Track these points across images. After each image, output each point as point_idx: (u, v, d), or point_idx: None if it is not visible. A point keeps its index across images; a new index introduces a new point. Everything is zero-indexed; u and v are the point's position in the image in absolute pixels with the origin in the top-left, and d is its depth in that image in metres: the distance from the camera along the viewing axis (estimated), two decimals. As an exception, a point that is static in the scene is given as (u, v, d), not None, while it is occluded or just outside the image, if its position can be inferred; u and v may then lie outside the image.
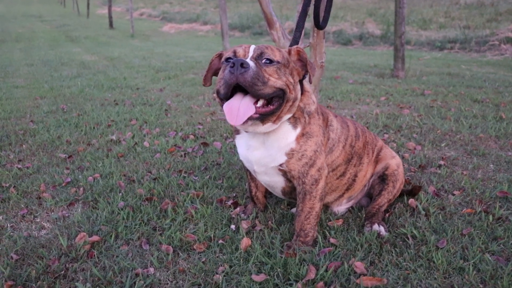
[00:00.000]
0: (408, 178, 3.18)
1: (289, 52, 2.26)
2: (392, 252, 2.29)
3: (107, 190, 3.19)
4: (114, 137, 4.38)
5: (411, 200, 2.80)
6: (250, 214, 2.76)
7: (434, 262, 2.19)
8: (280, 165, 2.30)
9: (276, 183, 2.47)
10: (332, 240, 2.41)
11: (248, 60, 2.04)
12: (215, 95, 2.25)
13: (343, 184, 2.63)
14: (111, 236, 2.56)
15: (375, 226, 2.50)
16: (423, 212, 2.69)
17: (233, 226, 2.61)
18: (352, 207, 2.82)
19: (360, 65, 9.96)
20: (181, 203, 2.91)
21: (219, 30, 24.60)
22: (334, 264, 2.17)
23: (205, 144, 4.12)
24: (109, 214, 2.81)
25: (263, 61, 2.08)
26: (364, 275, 2.11)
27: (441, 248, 2.29)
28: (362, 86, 6.99)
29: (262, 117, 2.09)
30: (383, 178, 2.71)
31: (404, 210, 2.74)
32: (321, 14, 3.25)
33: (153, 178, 3.35)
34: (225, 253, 2.33)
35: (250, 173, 2.72)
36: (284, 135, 2.26)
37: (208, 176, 3.36)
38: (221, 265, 2.23)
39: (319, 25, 3.16)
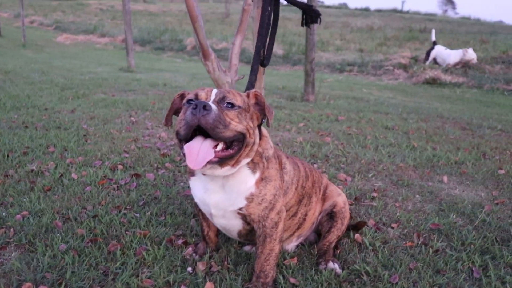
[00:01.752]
0: (350, 212, 3.33)
1: (248, 96, 2.30)
2: (350, 291, 2.39)
3: (41, 230, 2.97)
4: (34, 167, 4.10)
5: (357, 236, 2.95)
6: (202, 253, 2.73)
7: (390, 299, 2.33)
8: (240, 209, 2.32)
9: (233, 226, 2.48)
10: (292, 280, 2.46)
11: (210, 103, 2.04)
12: (174, 136, 2.22)
13: (294, 223, 2.70)
14: (59, 284, 2.40)
15: (330, 264, 2.60)
16: (370, 247, 2.84)
17: (189, 269, 2.57)
18: (301, 243, 2.89)
19: (269, 86, 10.23)
20: (128, 244, 2.80)
21: (118, 43, 23.95)
22: (300, 306, 2.22)
23: (137, 176, 4.00)
24: (51, 259, 2.63)
25: (225, 105, 2.11)
26: (330, 316, 2.19)
27: (394, 284, 2.43)
28: (278, 111, 7.20)
29: (221, 161, 2.11)
30: (331, 216, 2.82)
31: (352, 246, 2.88)
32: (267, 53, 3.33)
33: (91, 215, 3.19)
34: (189, 300, 2.29)
35: (202, 212, 2.69)
36: (244, 180, 2.29)
37: (149, 212, 3.26)
38: (188, 313, 2.19)
39: (263, 63, 3.24)
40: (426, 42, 19.94)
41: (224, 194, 2.31)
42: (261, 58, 3.18)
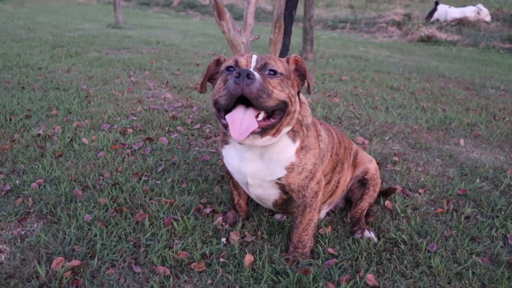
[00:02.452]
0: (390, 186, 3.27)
1: (287, 61, 2.18)
2: (392, 260, 2.35)
3: (61, 199, 2.86)
4: (41, 131, 3.94)
5: (387, 202, 2.90)
6: (233, 223, 2.66)
7: (433, 268, 2.29)
8: (279, 179, 2.23)
9: (270, 195, 2.40)
10: (330, 250, 2.41)
11: (253, 71, 1.92)
12: (212, 105, 2.10)
13: (328, 191, 2.63)
14: (91, 257, 2.32)
15: (366, 233, 2.55)
16: (402, 215, 2.79)
17: (223, 240, 2.49)
18: (331, 210, 2.84)
19: (265, 44, 9.99)
20: (155, 214, 2.71)
21: (102, -1, 23.20)
22: (345, 278, 2.18)
23: (149, 140, 3.88)
24: (78, 231, 2.53)
25: (267, 72, 2.00)
26: (377, 287, 2.15)
27: (433, 253, 2.40)
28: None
29: (263, 131, 2.01)
30: (363, 183, 2.75)
31: (384, 213, 2.83)
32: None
33: (111, 183, 3.07)
34: (230, 272, 2.22)
35: (233, 181, 2.60)
36: (283, 149, 2.19)
37: (170, 179, 3.16)
38: (231, 287, 2.12)
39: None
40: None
41: (262, 163, 2.21)
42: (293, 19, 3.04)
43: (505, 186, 3.24)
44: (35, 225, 2.62)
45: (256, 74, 1.90)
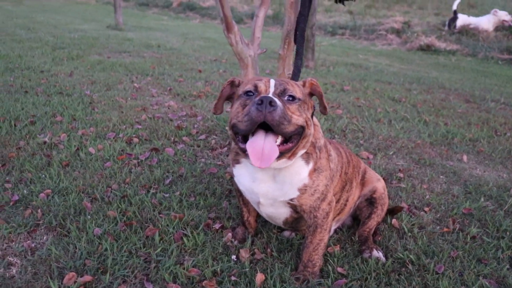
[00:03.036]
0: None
1: (304, 84, 2.21)
2: (400, 281, 2.37)
3: (70, 211, 2.87)
4: (46, 139, 3.94)
5: (394, 221, 2.93)
6: (242, 239, 2.68)
7: (441, 290, 2.32)
8: (291, 199, 2.26)
9: (281, 214, 2.42)
10: (339, 270, 2.43)
11: (274, 98, 1.95)
12: (229, 129, 2.12)
13: (336, 209, 2.65)
14: (102, 272, 2.33)
15: (375, 253, 2.58)
16: (409, 234, 2.82)
17: (234, 257, 2.51)
18: (339, 227, 2.86)
19: (271, 55, 10.00)
20: (165, 229, 2.72)
21: (101, -2, 23.13)
22: (356, 299, 2.20)
23: (155, 150, 3.89)
24: (88, 245, 2.54)
25: (286, 98, 2.03)
26: (387, 310, 2.17)
27: (441, 274, 2.43)
28: (282, 79, 7.06)
29: (281, 155, 2.03)
30: (371, 202, 2.78)
31: (390, 232, 2.85)
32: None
33: (120, 196, 3.08)
34: (242, 292, 2.24)
35: (243, 198, 2.62)
36: (297, 171, 2.22)
37: (178, 193, 3.18)
38: (243, 307, 2.14)
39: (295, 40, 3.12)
40: (414, 5, 19.74)
41: (274, 184, 2.24)
42: (295, 35, 3.06)
43: (509, 206, 3.28)
44: (44, 238, 2.62)
45: (278, 101, 1.92)
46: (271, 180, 2.24)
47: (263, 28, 3.84)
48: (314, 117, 2.32)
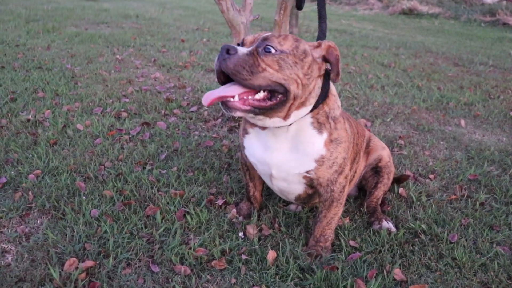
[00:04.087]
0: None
1: (319, 45, 1.97)
2: (415, 252, 2.30)
3: (63, 192, 2.71)
4: (30, 117, 3.74)
5: (401, 190, 2.85)
6: (247, 214, 2.57)
7: (457, 259, 2.25)
8: (307, 172, 2.12)
9: (294, 189, 2.29)
10: (352, 243, 2.35)
11: (240, 47, 1.82)
12: None
13: None
14: (105, 256, 2.20)
15: (384, 224, 2.49)
16: (418, 203, 2.75)
17: (241, 234, 2.40)
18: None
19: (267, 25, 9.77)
20: (166, 207, 2.59)
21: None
22: (372, 273, 2.12)
23: (147, 124, 3.72)
24: (86, 227, 2.40)
25: (261, 49, 1.81)
26: (405, 282, 2.10)
27: (455, 243, 2.36)
28: (268, 47, 6.89)
29: (258, 111, 1.84)
30: (377, 171, 2.68)
31: (399, 201, 2.78)
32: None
33: (115, 174, 2.93)
34: (254, 270, 2.14)
35: (249, 173, 2.49)
36: (310, 140, 2.06)
37: (175, 168, 3.04)
38: (256, 285, 2.04)
39: (301, 6, 2.95)
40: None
41: (290, 154, 2.08)
42: (297, 1, 2.89)
43: (513, 170, 3.23)
44: (38, 222, 2.48)
45: (241, 50, 1.77)
46: (285, 149, 2.09)
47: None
48: (332, 86, 2.15)
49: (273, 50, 1.80)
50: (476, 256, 2.29)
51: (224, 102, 1.79)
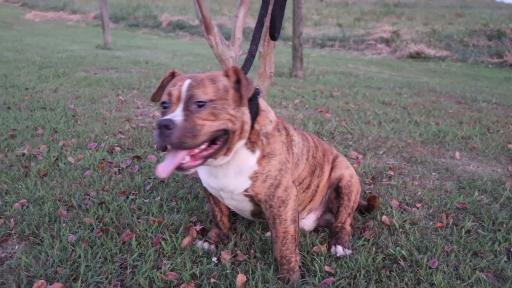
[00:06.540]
0: (370, 193, 3.16)
1: (227, 74, 2.00)
2: (391, 278, 2.24)
3: (44, 220, 2.73)
4: (25, 151, 3.81)
5: (384, 218, 2.81)
6: (216, 242, 2.54)
7: (435, 285, 2.18)
8: (246, 190, 2.15)
9: (245, 206, 2.33)
10: (327, 268, 2.30)
11: (174, 115, 1.82)
12: None
13: (308, 196, 2.55)
14: (74, 279, 2.19)
15: (332, 249, 2.48)
16: (400, 230, 2.69)
17: (215, 259, 2.37)
18: (322, 225, 2.74)
19: (254, 62, 9.95)
20: (143, 233, 2.58)
21: (90, 20, 23.23)
22: (345, 297, 2.06)
23: (137, 158, 3.76)
24: (61, 252, 2.40)
25: (193, 106, 1.85)
26: (378, 307, 2.03)
27: (435, 269, 2.29)
28: (271, 88, 6.98)
29: (207, 159, 1.93)
30: (338, 192, 2.66)
31: (381, 228, 2.72)
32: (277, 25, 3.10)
33: (98, 203, 2.95)
34: (222, 294, 2.10)
35: (213, 197, 2.50)
36: (244, 161, 2.10)
37: (159, 198, 3.04)
38: (223, 309, 2.00)
39: (274, 36, 3.04)
40: (403, 17, 19.85)
41: (227, 178, 2.14)
42: (270, 31, 2.98)
43: (504, 199, 3.16)
44: (16, 247, 2.48)
45: (177, 119, 1.79)
46: (223, 174, 2.14)
47: (249, 40, 3.73)
48: (262, 102, 2.19)
49: (202, 103, 1.85)
50: (456, 281, 2.21)
51: (178, 167, 1.86)
